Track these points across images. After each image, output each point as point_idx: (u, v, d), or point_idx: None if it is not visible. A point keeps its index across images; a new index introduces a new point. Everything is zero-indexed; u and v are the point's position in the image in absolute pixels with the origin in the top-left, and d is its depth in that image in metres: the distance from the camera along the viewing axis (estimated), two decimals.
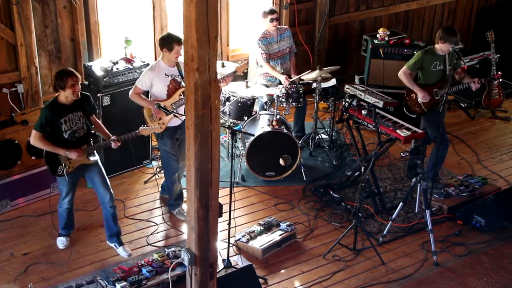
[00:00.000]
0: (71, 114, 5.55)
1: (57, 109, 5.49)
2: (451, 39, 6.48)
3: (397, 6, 9.55)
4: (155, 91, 6.19)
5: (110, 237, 5.96)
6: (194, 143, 4.05)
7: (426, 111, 6.73)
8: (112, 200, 5.82)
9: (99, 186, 5.78)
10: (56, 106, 5.50)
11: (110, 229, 5.93)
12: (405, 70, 6.75)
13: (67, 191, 5.81)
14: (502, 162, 7.74)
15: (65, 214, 5.97)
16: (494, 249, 6.21)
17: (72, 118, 5.55)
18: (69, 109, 5.53)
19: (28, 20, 6.74)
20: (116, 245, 5.94)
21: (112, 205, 5.82)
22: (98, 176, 5.75)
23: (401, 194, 6.90)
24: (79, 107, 5.58)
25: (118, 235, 5.95)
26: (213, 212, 4.30)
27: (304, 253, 6.10)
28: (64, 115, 5.51)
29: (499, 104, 7.50)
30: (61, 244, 6.04)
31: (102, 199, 5.82)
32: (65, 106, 5.51)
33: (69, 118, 5.53)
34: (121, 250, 5.89)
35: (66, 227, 6.05)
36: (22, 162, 6.50)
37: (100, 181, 5.76)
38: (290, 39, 7.89)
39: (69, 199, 5.87)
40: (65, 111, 5.51)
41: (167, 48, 6.05)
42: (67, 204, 5.89)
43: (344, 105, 6.91)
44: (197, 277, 4.43)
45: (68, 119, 5.53)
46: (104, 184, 5.77)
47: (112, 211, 5.83)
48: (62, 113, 5.50)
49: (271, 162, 7.01)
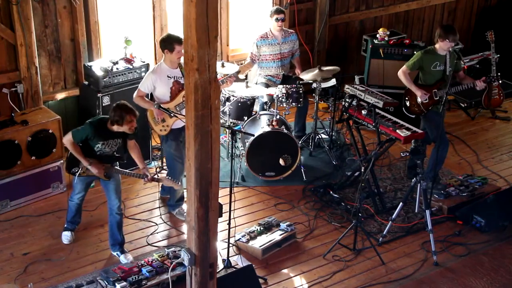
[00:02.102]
0: (112, 140, 5.64)
1: (102, 133, 5.59)
2: (450, 36, 6.48)
3: (397, 6, 9.55)
4: (158, 93, 6.19)
5: (113, 245, 5.95)
6: (194, 143, 4.05)
7: (425, 111, 6.74)
8: (120, 209, 5.84)
9: (111, 193, 5.79)
10: (102, 128, 5.59)
11: (113, 237, 5.92)
12: (404, 69, 6.75)
13: (79, 189, 5.90)
14: (502, 162, 7.74)
15: (74, 208, 6.03)
16: (494, 249, 6.21)
17: (111, 143, 5.65)
18: (112, 135, 5.62)
19: (28, 20, 6.74)
20: (118, 254, 5.92)
21: (119, 213, 5.83)
22: (113, 184, 5.77)
23: (401, 194, 6.90)
24: (123, 134, 5.66)
25: (122, 244, 5.93)
26: (213, 212, 4.30)
27: (304, 253, 6.10)
28: (105, 139, 5.61)
29: (499, 104, 7.50)
30: (65, 239, 6.07)
31: (111, 206, 5.83)
32: (111, 132, 5.60)
33: (108, 143, 5.63)
34: (123, 258, 5.87)
35: (72, 221, 6.09)
36: (22, 162, 6.50)
37: (113, 188, 5.78)
38: (294, 44, 7.88)
39: (80, 196, 5.96)
40: (108, 137, 5.62)
41: (169, 49, 6.06)
42: (77, 199, 5.97)
43: (344, 105, 6.91)
44: (197, 277, 4.44)
45: (107, 144, 5.64)
46: (117, 192, 5.79)
47: (118, 217, 5.83)
48: (105, 137, 5.61)
49: (271, 162, 7.01)
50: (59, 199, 6.53)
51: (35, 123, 6.56)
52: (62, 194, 6.68)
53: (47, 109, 6.94)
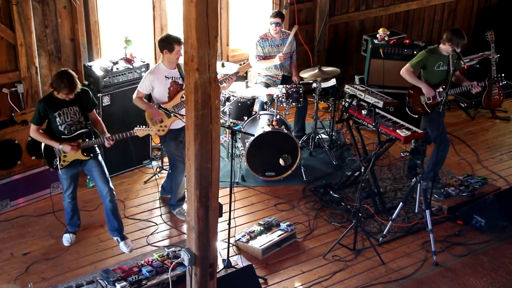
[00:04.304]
0: (66, 108, 5.61)
1: (51, 102, 5.57)
2: (460, 41, 6.46)
3: (397, 6, 9.55)
4: (156, 94, 6.19)
5: (111, 230, 6.00)
6: (194, 143, 4.05)
7: (429, 111, 6.73)
8: (111, 194, 5.83)
9: (97, 180, 5.81)
10: (51, 99, 5.58)
11: (110, 222, 5.96)
12: (408, 67, 6.73)
13: (67, 185, 5.88)
14: (502, 162, 7.74)
15: (69, 209, 6.02)
16: (494, 249, 6.21)
17: (66, 112, 5.61)
18: (64, 103, 5.59)
19: (28, 20, 6.74)
20: (118, 239, 5.96)
21: (111, 199, 5.83)
22: (96, 170, 5.78)
23: (401, 194, 6.90)
24: (76, 102, 5.63)
25: (120, 230, 5.97)
26: (213, 212, 4.30)
27: (304, 253, 6.10)
28: (59, 108, 5.58)
29: (499, 104, 7.49)
30: (66, 241, 6.07)
31: (101, 192, 5.85)
32: (60, 100, 5.57)
33: (63, 112, 5.60)
34: (122, 245, 5.90)
35: (71, 223, 6.09)
36: (22, 162, 6.50)
37: (98, 174, 5.78)
38: (292, 45, 7.88)
39: (70, 192, 5.93)
40: (60, 105, 5.58)
41: (168, 49, 6.06)
42: (68, 197, 5.95)
43: (344, 105, 6.91)
44: (197, 277, 4.44)
45: (63, 113, 5.60)
46: (103, 177, 5.80)
47: (111, 205, 5.84)
48: (57, 107, 5.57)
49: (271, 162, 7.01)
50: (59, 199, 6.51)
51: None
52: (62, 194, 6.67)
53: None
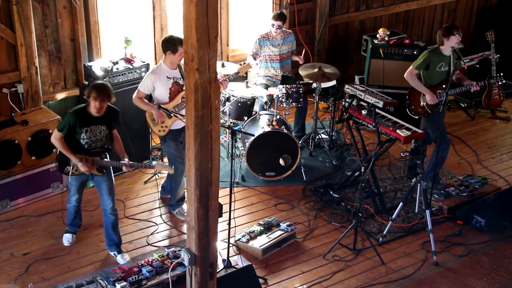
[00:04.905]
0: (95, 126, 5.59)
1: (83, 117, 5.54)
2: (454, 31, 6.43)
3: (397, 6, 9.54)
4: (157, 94, 6.20)
5: (109, 245, 5.96)
6: (194, 143, 4.05)
7: (430, 112, 6.72)
8: (114, 210, 5.83)
9: (103, 194, 5.79)
10: (83, 114, 5.55)
11: (109, 237, 5.93)
12: (412, 70, 6.69)
13: (75, 190, 5.88)
14: (502, 162, 7.74)
15: (73, 211, 6.02)
16: (494, 249, 6.21)
17: (94, 129, 5.60)
18: (94, 121, 5.58)
19: (28, 20, 6.74)
20: (115, 254, 5.92)
21: (113, 213, 5.82)
22: (105, 185, 5.76)
23: (401, 194, 6.90)
24: (105, 121, 5.63)
25: (118, 245, 5.94)
26: (213, 212, 4.30)
27: (304, 253, 6.10)
28: (88, 125, 5.56)
29: (499, 104, 7.50)
30: (66, 241, 6.07)
31: (104, 206, 5.83)
32: (92, 117, 5.55)
33: (91, 129, 5.58)
34: (120, 258, 5.87)
35: (72, 223, 6.10)
36: (22, 162, 6.50)
37: (106, 189, 5.77)
38: (292, 44, 7.89)
39: (77, 197, 5.93)
40: (90, 122, 5.56)
41: (172, 50, 6.06)
42: (74, 201, 5.95)
43: (344, 105, 6.91)
44: (197, 277, 4.43)
45: (90, 130, 5.58)
46: (110, 192, 5.79)
47: (113, 218, 5.83)
48: (87, 123, 5.55)
49: (271, 162, 7.01)
50: (59, 199, 6.53)
51: (35, 123, 6.57)
52: (62, 194, 6.67)
53: (47, 109, 6.95)
